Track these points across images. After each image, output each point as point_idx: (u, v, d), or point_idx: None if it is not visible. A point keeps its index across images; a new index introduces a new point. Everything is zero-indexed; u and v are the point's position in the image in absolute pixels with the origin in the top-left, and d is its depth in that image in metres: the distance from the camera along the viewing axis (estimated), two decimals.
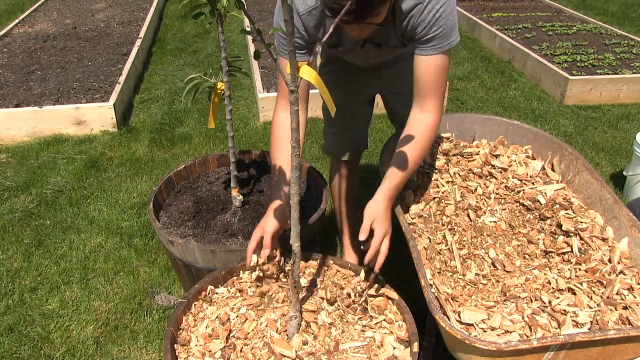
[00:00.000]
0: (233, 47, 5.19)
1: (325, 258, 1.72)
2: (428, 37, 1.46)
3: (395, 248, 2.50)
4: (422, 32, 1.45)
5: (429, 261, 1.56)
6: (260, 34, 1.06)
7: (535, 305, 1.41)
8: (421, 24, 1.44)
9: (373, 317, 1.50)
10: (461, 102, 4.01)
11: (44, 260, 2.47)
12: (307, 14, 1.48)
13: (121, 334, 2.09)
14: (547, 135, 1.93)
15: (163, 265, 2.43)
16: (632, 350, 1.25)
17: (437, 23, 1.43)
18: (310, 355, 1.38)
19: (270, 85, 3.92)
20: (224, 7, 1.68)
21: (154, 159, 3.30)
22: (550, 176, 1.85)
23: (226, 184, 2.23)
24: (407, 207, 1.77)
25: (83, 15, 5.72)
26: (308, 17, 1.48)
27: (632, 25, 5.71)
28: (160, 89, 4.30)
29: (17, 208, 2.83)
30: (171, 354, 1.39)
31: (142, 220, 2.73)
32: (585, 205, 1.71)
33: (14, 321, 2.14)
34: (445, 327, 1.24)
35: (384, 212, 1.48)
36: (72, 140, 3.51)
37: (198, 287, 1.60)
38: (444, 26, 1.43)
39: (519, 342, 1.18)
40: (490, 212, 1.77)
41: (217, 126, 3.63)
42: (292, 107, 1.14)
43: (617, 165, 3.20)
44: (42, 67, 4.30)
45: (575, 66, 4.17)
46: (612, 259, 1.50)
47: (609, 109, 3.90)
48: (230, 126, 1.97)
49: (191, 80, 1.90)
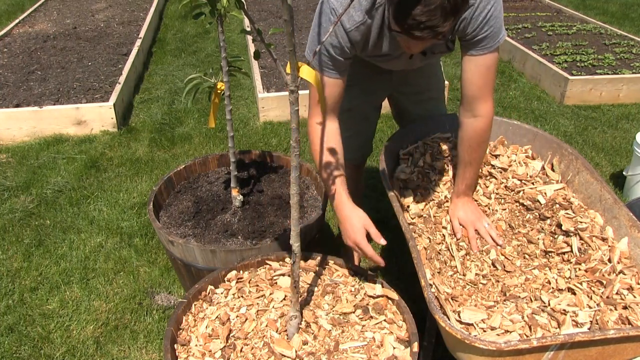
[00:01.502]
0: (233, 47, 5.19)
1: (325, 258, 1.72)
2: (479, 37, 1.46)
3: (395, 248, 2.50)
4: (473, 32, 1.45)
5: (429, 261, 1.56)
6: (260, 34, 1.06)
7: (535, 305, 1.41)
8: (472, 25, 1.43)
9: (373, 317, 1.50)
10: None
11: (44, 260, 2.47)
12: (355, 29, 1.44)
13: (121, 334, 2.09)
14: (547, 135, 1.93)
15: (163, 265, 2.43)
16: (632, 350, 1.25)
17: (489, 23, 1.43)
18: (310, 355, 1.38)
19: (270, 85, 3.92)
20: (224, 7, 1.68)
21: (154, 159, 3.30)
22: (550, 176, 1.85)
23: (226, 184, 2.23)
24: (407, 207, 1.77)
25: (83, 15, 5.72)
26: (356, 33, 1.44)
27: (632, 25, 5.71)
28: (160, 89, 4.30)
29: (17, 208, 2.83)
30: (171, 354, 1.39)
31: (142, 220, 2.73)
32: (585, 205, 1.71)
33: (14, 321, 2.15)
34: (445, 327, 1.24)
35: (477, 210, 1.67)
36: (72, 140, 3.51)
37: (198, 287, 1.60)
38: (494, 25, 1.44)
39: (518, 342, 1.18)
40: (490, 212, 1.77)
41: (217, 126, 3.63)
42: (292, 107, 1.14)
43: (617, 165, 3.20)
44: (42, 67, 4.30)
45: (575, 66, 4.17)
46: (612, 258, 1.50)
47: (609, 109, 3.90)
48: (230, 126, 1.97)
49: (191, 80, 1.90)
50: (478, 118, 1.59)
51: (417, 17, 1.17)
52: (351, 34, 1.44)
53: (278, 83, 3.96)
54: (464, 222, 1.66)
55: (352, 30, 1.44)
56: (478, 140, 1.63)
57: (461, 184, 1.69)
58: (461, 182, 1.69)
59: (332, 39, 1.44)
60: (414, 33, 1.21)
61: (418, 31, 1.20)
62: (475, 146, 1.64)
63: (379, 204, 2.79)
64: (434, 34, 1.20)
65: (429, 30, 1.19)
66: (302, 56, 1.63)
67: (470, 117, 1.61)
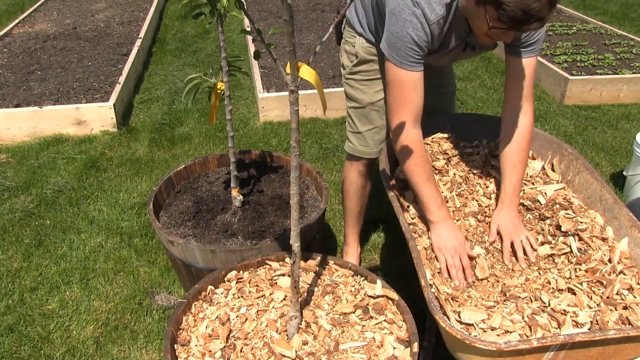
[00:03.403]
0: (233, 47, 5.19)
1: (325, 258, 1.72)
2: (531, 41, 1.54)
3: (395, 248, 2.51)
4: (527, 36, 1.53)
5: (429, 261, 1.56)
6: (260, 34, 1.06)
7: (535, 305, 1.41)
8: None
9: (373, 317, 1.50)
10: (461, 102, 4.01)
11: (44, 260, 2.47)
12: (436, 23, 1.48)
13: (121, 334, 2.09)
14: (547, 135, 1.93)
15: (163, 265, 2.43)
16: (632, 350, 1.25)
17: (542, 28, 1.51)
18: (310, 355, 1.38)
19: (270, 85, 3.92)
20: (224, 7, 1.68)
21: (154, 159, 3.30)
22: (550, 176, 1.85)
23: (226, 184, 2.23)
24: (407, 207, 1.77)
25: (83, 15, 5.71)
26: (435, 26, 1.49)
27: (632, 25, 5.71)
28: (160, 89, 4.30)
29: (17, 208, 2.83)
30: (171, 354, 1.39)
31: (142, 220, 2.73)
32: (585, 205, 1.71)
33: (14, 321, 2.14)
34: (445, 327, 1.24)
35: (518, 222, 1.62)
36: (72, 140, 3.51)
37: (198, 287, 1.60)
38: (542, 30, 1.53)
39: (519, 342, 1.18)
40: (490, 212, 1.76)
41: (217, 126, 3.63)
42: (292, 107, 1.14)
43: (617, 165, 3.20)
44: (42, 67, 4.30)
45: (575, 66, 4.17)
46: (612, 259, 1.50)
47: (609, 109, 3.90)
48: (230, 126, 1.97)
49: (191, 80, 1.90)
50: (527, 116, 1.67)
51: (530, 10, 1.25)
52: (432, 26, 1.48)
53: (278, 83, 3.96)
54: (502, 231, 1.63)
55: (433, 24, 1.48)
56: (528, 138, 1.69)
57: (509, 187, 1.66)
58: (509, 186, 1.66)
59: (417, 31, 1.47)
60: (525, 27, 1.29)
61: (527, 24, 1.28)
62: (525, 145, 1.69)
63: (379, 204, 2.79)
64: (542, 24, 1.29)
65: (539, 22, 1.28)
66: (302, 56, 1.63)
67: (520, 116, 1.68)
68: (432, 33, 1.49)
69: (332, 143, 3.44)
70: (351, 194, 2.18)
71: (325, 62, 4.30)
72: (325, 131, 3.59)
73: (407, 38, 1.48)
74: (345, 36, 1.94)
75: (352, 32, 1.89)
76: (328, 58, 4.35)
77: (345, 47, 1.95)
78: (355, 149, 2.05)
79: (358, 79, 1.94)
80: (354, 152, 2.06)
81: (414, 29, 1.47)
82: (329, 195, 2.08)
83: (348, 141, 2.08)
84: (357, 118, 2.00)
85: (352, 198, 2.19)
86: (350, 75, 1.95)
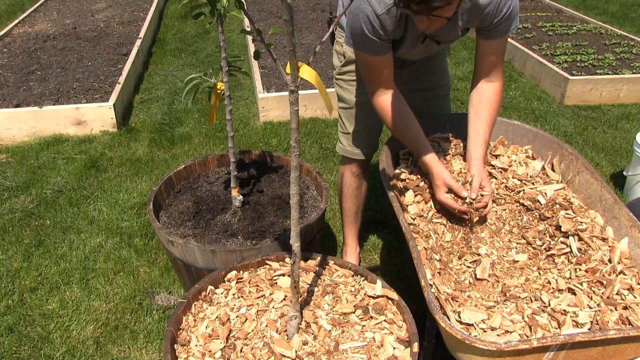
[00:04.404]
0: (233, 47, 5.19)
1: (325, 258, 1.72)
2: (500, 26, 1.58)
3: (395, 248, 2.50)
4: (495, 22, 1.57)
5: (429, 261, 1.56)
6: (260, 34, 1.06)
7: (535, 305, 1.41)
8: (496, 16, 1.55)
9: (373, 317, 1.50)
10: (461, 102, 4.01)
11: (44, 260, 2.47)
12: (386, 13, 1.50)
13: (121, 334, 2.09)
14: (547, 135, 1.93)
15: (163, 265, 2.43)
16: (632, 350, 1.25)
17: (511, 15, 1.56)
18: (310, 355, 1.38)
19: (270, 85, 3.92)
20: (224, 7, 1.68)
21: (154, 159, 3.30)
22: (550, 176, 1.85)
23: (226, 184, 2.23)
24: (407, 207, 1.77)
25: (83, 15, 5.72)
26: (386, 17, 1.51)
27: (632, 25, 5.71)
28: (160, 89, 4.30)
29: (17, 208, 2.83)
30: (171, 354, 1.39)
31: (142, 220, 2.73)
32: (585, 205, 1.71)
33: (14, 321, 2.14)
34: (445, 327, 1.24)
35: (486, 172, 1.71)
36: (72, 140, 3.50)
37: (198, 287, 1.60)
38: (514, 16, 1.58)
39: (519, 342, 1.18)
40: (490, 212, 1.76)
41: (217, 126, 3.63)
42: (292, 107, 1.14)
43: (617, 165, 3.20)
44: (42, 67, 4.30)
45: (575, 66, 4.17)
46: (612, 259, 1.49)
47: (609, 109, 3.90)
48: (230, 126, 1.97)
49: (191, 80, 1.90)
50: (495, 83, 1.73)
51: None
52: (382, 17, 1.50)
53: (278, 83, 3.96)
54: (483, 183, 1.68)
55: (382, 14, 1.50)
56: (497, 100, 1.75)
57: (482, 146, 1.71)
58: (483, 145, 1.71)
59: (366, 23, 1.52)
60: (412, 7, 1.31)
61: (414, 4, 1.30)
62: (495, 105, 1.74)
63: (379, 204, 2.79)
64: (428, 8, 1.30)
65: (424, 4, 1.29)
66: (302, 56, 1.64)
67: (487, 82, 1.74)
68: (383, 24, 1.52)
69: (332, 143, 3.44)
70: (347, 194, 2.19)
71: (325, 62, 4.30)
72: (325, 131, 3.59)
73: (359, 30, 1.55)
74: (336, 36, 1.95)
75: (341, 32, 1.90)
76: (328, 58, 4.35)
77: (335, 47, 1.97)
78: (345, 150, 2.08)
79: (346, 79, 1.96)
80: (344, 152, 2.10)
81: (364, 22, 1.52)
82: (329, 195, 2.08)
83: (339, 142, 2.12)
84: (347, 118, 2.03)
85: (348, 199, 2.20)
86: (340, 75, 1.97)
